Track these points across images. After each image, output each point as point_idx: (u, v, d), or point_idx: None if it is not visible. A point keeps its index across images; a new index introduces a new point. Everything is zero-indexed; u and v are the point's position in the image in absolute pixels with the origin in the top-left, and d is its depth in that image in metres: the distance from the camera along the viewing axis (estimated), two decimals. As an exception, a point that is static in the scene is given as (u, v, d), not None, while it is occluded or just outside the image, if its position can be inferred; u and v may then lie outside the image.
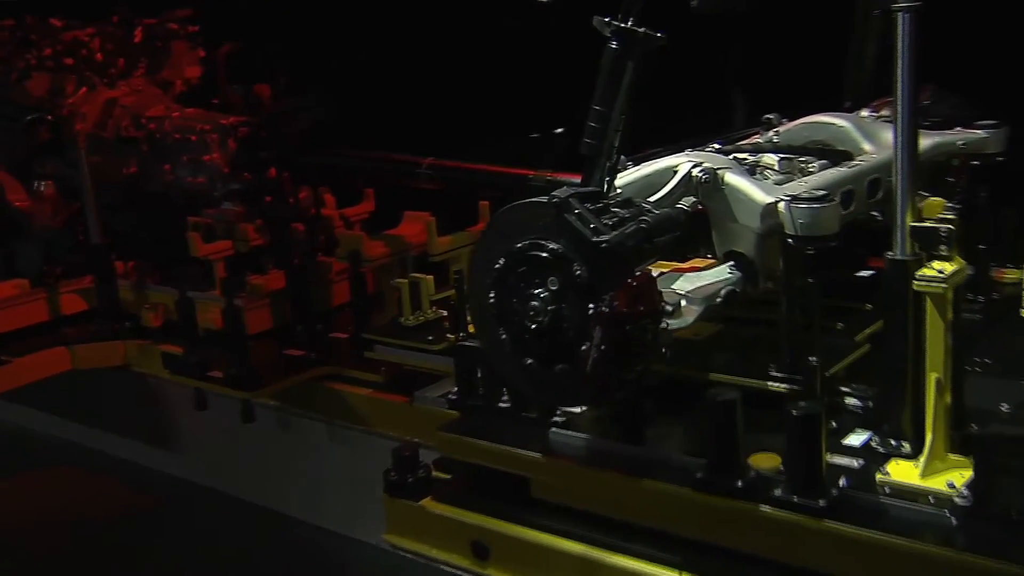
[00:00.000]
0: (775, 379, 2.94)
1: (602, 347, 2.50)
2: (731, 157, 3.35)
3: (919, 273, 2.49)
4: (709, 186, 2.99)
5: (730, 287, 2.99)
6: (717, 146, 3.46)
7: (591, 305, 2.53)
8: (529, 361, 2.72)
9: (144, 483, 5.15)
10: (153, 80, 5.82)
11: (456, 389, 3.25)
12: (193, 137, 5.18)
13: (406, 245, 4.82)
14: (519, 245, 2.66)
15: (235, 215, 5.05)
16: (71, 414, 5.78)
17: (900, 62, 2.52)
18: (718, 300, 2.97)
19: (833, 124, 3.65)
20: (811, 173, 3.39)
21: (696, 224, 3.09)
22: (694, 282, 3.01)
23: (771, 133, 3.65)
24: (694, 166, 3.00)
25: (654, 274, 3.05)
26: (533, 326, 2.66)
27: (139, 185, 5.45)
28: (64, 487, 5.22)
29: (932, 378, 2.54)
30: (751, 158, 3.37)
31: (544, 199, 2.59)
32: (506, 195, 4.31)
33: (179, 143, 5.24)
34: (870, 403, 2.96)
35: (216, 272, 4.87)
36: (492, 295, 2.76)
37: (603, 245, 2.49)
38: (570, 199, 2.56)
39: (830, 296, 3.55)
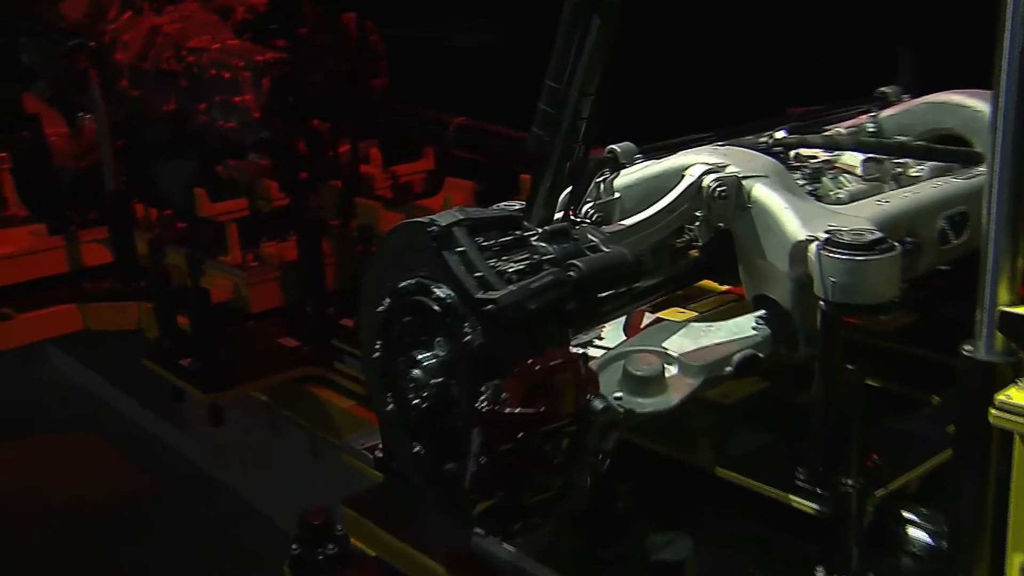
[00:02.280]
0: (801, 490, 2.01)
1: (481, 459, 1.64)
2: (793, 154, 2.38)
3: (1001, 397, 1.49)
4: (727, 202, 2.05)
5: (749, 351, 2.05)
6: (781, 135, 2.49)
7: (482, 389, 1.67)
8: (416, 447, 1.89)
9: (152, 462, 4.61)
10: (209, 6, 5.15)
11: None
12: (227, 74, 4.50)
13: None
14: (403, 284, 1.81)
15: (257, 169, 4.35)
16: (111, 375, 5.30)
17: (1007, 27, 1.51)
18: (727, 370, 2.04)
19: (967, 107, 2.60)
20: (912, 181, 2.39)
21: (720, 250, 2.18)
22: (696, 339, 2.10)
23: (866, 117, 2.62)
24: (707, 171, 2.06)
25: (646, 319, 2.22)
26: (416, 402, 1.82)
27: (174, 126, 4.83)
28: (74, 457, 4.75)
29: (1015, 561, 1.56)
30: (824, 156, 2.39)
31: (426, 220, 1.73)
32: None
33: (213, 80, 4.57)
34: (944, 543, 1.98)
35: (228, 235, 4.18)
36: (377, 346, 1.93)
37: (488, 307, 1.61)
38: (454, 228, 1.68)
39: (933, 350, 2.57)
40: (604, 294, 1.76)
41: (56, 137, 5.03)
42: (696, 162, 2.11)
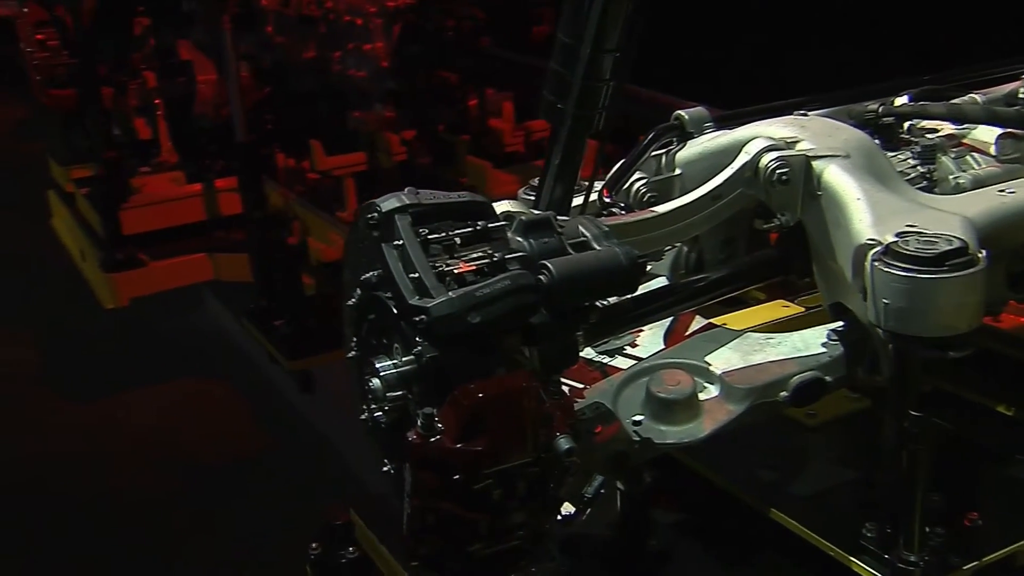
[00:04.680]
0: (866, 551, 1.61)
1: (414, 499, 1.35)
2: (907, 127, 1.93)
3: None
4: (789, 188, 1.64)
5: (812, 374, 1.65)
6: (902, 101, 2.02)
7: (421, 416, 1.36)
8: (386, 465, 1.61)
9: (272, 417, 4.52)
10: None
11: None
12: (359, 21, 4.31)
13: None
14: (367, 276, 1.52)
15: (380, 121, 4.14)
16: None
17: None
18: (783, 395, 1.65)
19: None
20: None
21: (795, 243, 1.78)
22: (748, 354, 1.71)
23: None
24: (767, 148, 1.66)
25: (695, 324, 1.85)
26: (377, 414, 1.53)
27: (315, 74, 4.69)
28: (200, 406, 4.72)
29: None
30: (950, 129, 1.92)
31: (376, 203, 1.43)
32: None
33: (347, 27, 4.39)
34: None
35: (345, 190, 4.00)
36: (353, 343, 1.65)
37: (419, 318, 1.30)
38: (396, 215, 1.37)
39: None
40: (590, 304, 1.41)
41: (205, 84, 5.00)
42: (759, 135, 1.71)
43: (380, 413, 1.51)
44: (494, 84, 4.32)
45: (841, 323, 1.70)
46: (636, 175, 1.87)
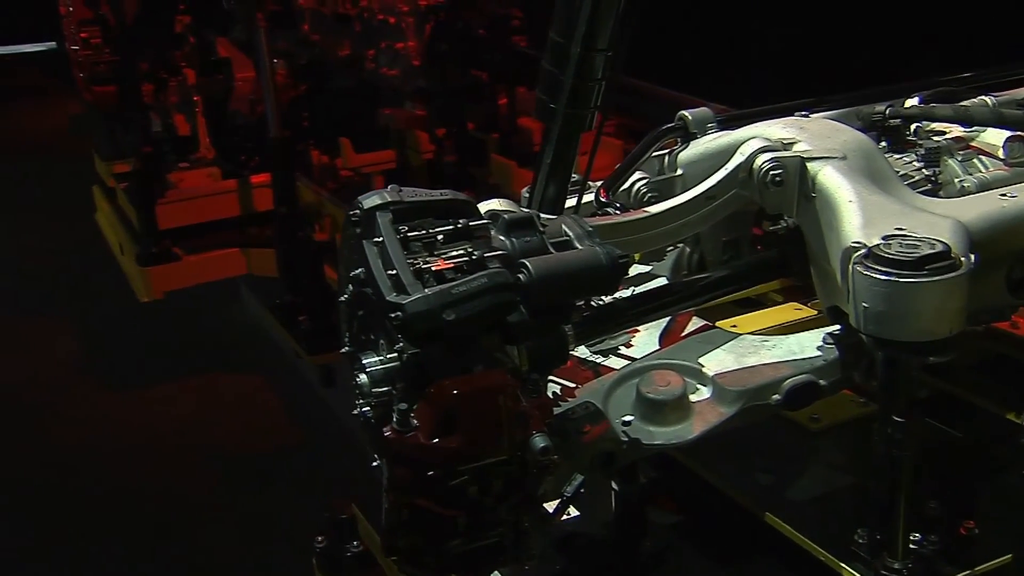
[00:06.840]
0: (856, 558, 1.59)
1: (390, 495, 1.36)
2: (914, 128, 1.90)
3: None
4: (783, 189, 1.63)
5: (805, 377, 1.64)
6: (913, 102, 2.00)
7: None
8: (375, 461, 1.63)
9: (302, 412, 4.56)
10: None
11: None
12: (392, 20, 4.34)
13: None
14: (355, 273, 1.53)
15: (410, 119, 4.16)
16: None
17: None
18: (775, 398, 1.64)
19: None
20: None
21: (793, 244, 1.76)
22: (742, 356, 1.70)
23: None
24: (761, 149, 1.65)
25: (692, 325, 1.84)
26: (365, 410, 1.55)
27: (350, 72, 4.73)
28: (230, 399, 4.77)
29: None
30: (957, 132, 1.89)
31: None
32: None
33: (380, 25, 4.42)
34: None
35: (374, 187, 4.02)
36: (346, 338, 1.67)
37: (394, 315, 1.31)
38: (377, 212, 1.39)
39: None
40: (575, 303, 1.41)
41: (242, 82, 5.05)
42: (757, 136, 1.69)
43: (367, 408, 1.53)
44: (526, 83, 4.32)
45: (838, 327, 1.69)
46: (637, 175, 1.87)
